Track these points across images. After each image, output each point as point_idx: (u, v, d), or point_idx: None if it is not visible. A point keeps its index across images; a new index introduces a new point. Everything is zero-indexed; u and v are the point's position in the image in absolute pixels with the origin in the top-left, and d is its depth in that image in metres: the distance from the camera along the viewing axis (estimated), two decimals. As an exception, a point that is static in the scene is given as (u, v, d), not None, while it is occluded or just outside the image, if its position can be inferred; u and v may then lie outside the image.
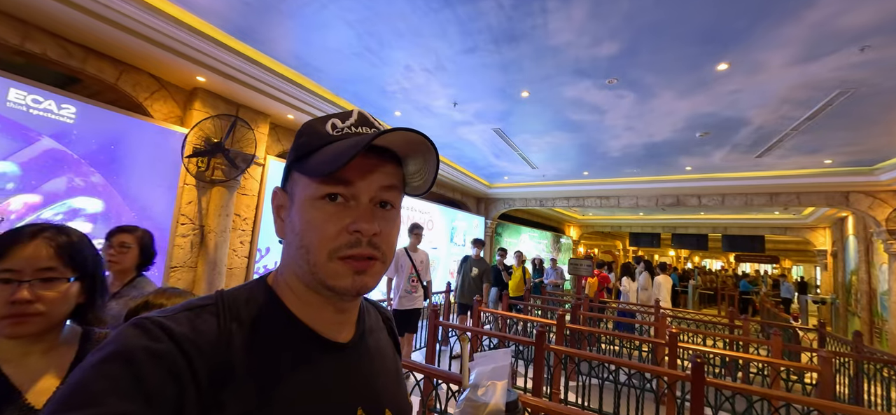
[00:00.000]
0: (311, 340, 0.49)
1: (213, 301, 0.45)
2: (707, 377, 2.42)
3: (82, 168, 3.37)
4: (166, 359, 0.37)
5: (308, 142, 0.49)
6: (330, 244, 0.46)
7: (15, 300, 0.73)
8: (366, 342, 0.57)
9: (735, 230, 12.08)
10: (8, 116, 2.93)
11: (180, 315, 0.41)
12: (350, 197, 0.48)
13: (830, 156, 5.65)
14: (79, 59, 3.37)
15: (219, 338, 0.41)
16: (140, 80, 3.87)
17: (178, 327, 0.39)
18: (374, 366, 0.56)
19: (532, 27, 3.12)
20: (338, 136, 0.50)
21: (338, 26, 3.32)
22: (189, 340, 0.39)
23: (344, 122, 0.51)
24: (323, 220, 0.46)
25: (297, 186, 0.50)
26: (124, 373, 0.35)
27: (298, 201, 0.49)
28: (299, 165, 0.50)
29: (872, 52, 3.08)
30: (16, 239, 0.76)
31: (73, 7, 2.91)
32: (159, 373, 0.36)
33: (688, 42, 3.17)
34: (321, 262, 0.46)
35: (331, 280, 0.46)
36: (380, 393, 0.55)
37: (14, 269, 0.74)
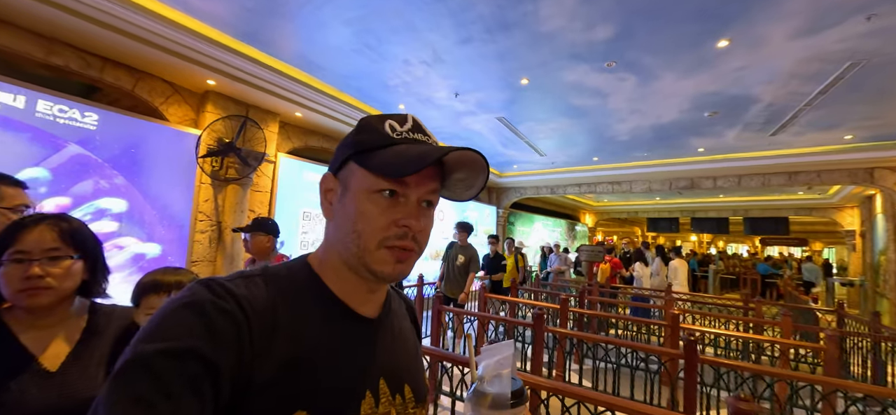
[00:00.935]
0: (342, 310, 0.55)
1: (260, 272, 0.51)
2: (703, 356, 2.44)
3: (106, 171, 3.62)
4: (229, 312, 0.44)
5: (370, 139, 0.54)
6: (381, 234, 0.52)
7: (28, 276, 0.85)
8: (390, 322, 0.62)
9: (757, 212, 11.67)
10: (37, 126, 3.18)
11: (238, 280, 0.48)
12: (402, 195, 0.53)
13: (851, 131, 5.43)
14: (97, 68, 3.60)
15: (267, 301, 0.48)
16: (155, 87, 4.09)
17: (237, 289, 0.46)
18: (397, 344, 0.62)
19: (524, 14, 3.15)
20: (398, 139, 0.54)
21: (335, 25, 3.43)
22: (246, 299, 0.46)
23: (401, 126, 0.55)
24: (378, 212, 0.52)
25: (353, 177, 0.54)
26: (196, 318, 0.42)
27: (354, 190, 0.53)
28: (361, 159, 0.53)
29: (879, 20, 2.97)
30: (24, 226, 0.89)
31: (91, 21, 3.12)
32: (224, 322, 0.43)
33: (684, 20, 3.13)
34: (371, 248, 0.52)
35: (375, 265, 0.52)
36: (401, 369, 0.60)
37: (25, 250, 0.86)
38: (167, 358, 0.39)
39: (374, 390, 0.54)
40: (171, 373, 0.38)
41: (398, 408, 0.57)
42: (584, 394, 1.80)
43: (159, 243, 4.02)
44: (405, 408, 0.58)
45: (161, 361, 0.38)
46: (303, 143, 5.72)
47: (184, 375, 0.39)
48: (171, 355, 0.39)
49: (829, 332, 2.85)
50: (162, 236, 4.04)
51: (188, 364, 0.39)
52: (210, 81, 4.18)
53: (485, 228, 10.03)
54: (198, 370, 0.39)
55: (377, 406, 0.54)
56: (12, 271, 0.85)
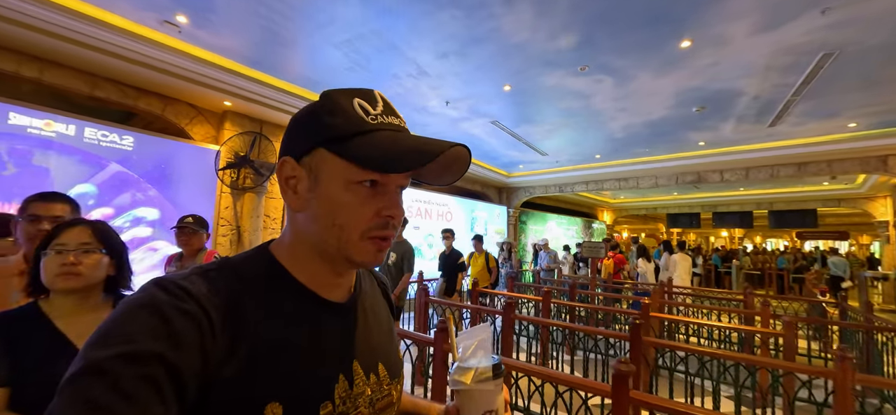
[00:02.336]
0: (310, 298, 0.53)
1: (217, 266, 0.49)
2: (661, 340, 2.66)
3: (141, 185, 4.25)
4: (189, 313, 0.41)
5: (344, 124, 0.50)
6: (364, 225, 0.51)
7: (64, 263, 1.03)
8: (361, 303, 0.61)
9: (782, 205, 11.20)
10: (85, 149, 3.82)
11: (193, 278, 0.45)
12: (382, 184, 0.52)
13: (853, 119, 5.31)
14: (133, 98, 4.24)
15: (228, 295, 0.46)
16: (181, 110, 4.72)
17: (195, 287, 0.44)
18: (368, 324, 0.61)
19: (490, 29, 3.46)
20: (375, 125, 0.51)
21: (327, 49, 3.88)
22: (205, 297, 0.44)
23: (373, 108, 0.52)
24: (359, 203, 0.50)
25: (326, 164, 0.51)
26: (154, 320, 0.40)
27: (329, 181, 0.50)
28: (336, 147, 0.50)
29: (834, 13, 3.07)
30: (67, 225, 1.10)
31: (127, 60, 3.73)
32: (184, 323, 0.41)
33: (639, 26, 3.34)
34: (354, 240, 0.51)
35: (358, 256, 0.51)
36: (374, 348, 0.59)
37: (64, 243, 1.05)
38: (125, 362, 0.36)
39: (347, 373, 0.53)
40: (128, 376, 0.36)
41: (373, 387, 0.57)
42: (523, 367, 2.09)
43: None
44: (380, 386, 0.58)
45: (118, 365, 0.36)
46: (313, 153, 6.25)
47: (143, 378, 0.36)
48: (128, 359, 0.37)
49: (786, 319, 2.95)
50: (189, 240, 4.63)
51: (148, 367, 0.37)
52: (227, 103, 4.76)
53: (496, 228, 10.30)
54: (158, 373, 0.37)
55: (351, 388, 0.53)
56: (53, 260, 1.02)
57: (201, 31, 3.62)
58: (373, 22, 3.39)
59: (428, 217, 8.10)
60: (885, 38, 3.37)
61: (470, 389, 0.57)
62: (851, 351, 2.19)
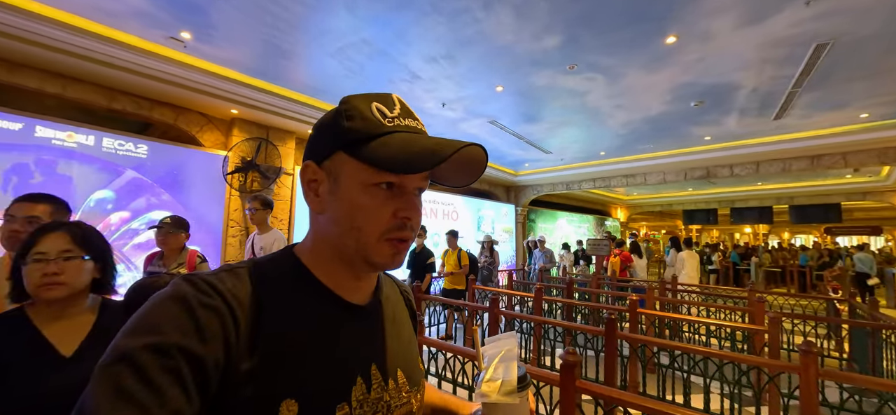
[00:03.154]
0: (331, 299, 0.54)
1: (246, 265, 0.51)
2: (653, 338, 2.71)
3: (155, 190, 4.55)
4: (213, 307, 0.43)
5: (361, 127, 0.51)
6: (382, 227, 0.51)
7: (46, 273, 0.98)
8: (382, 308, 0.61)
9: (803, 199, 10.75)
10: (104, 158, 4.14)
11: (222, 275, 0.47)
12: (399, 186, 0.52)
13: (864, 110, 5.13)
14: (147, 109, 4.55)
15: (253, 293, 0.47)
16: (192, 119, 5.02)
17: (221, 283, 0.45)
18: (389, 330, 0.60)
19: (475, 33, 3.56)
20: (391, 128, 0.52)
21: (323, 58, 4.07)
22: (231, 293, 0.45)
23: (390, 111, 0.53)
24: (377, 205, 0.51)
25: (345, 168, 0.52)
26: (181, 313, 0.41)
27: (348, 183, 0.51)
28: (353, 150, 0.51)
29: (819, 5, 3.02)
30: (44, 231, 1.04)
31: (142, 76, 4.01)
32: (208, 317, 0.42)
33: (622, 25, 3.37)
34: (372, 242, 0.51)
35: (375, 257, 0.52)
36: (393, 354, 0.59)
37: (43, 251, 0.99)
38: (152, 352, 0.38)
39: (365, 377, 0.53)
40: (155, 367, 0.38)
41: (391, 392, 0.56)
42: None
43: (198, 247, 4.91)
44: (399, 392, 0.58)
45: (146, 355, 0.38)
46: (319, 156, 6.49)
47: (168, 369, 0.38)
48: (155, 350, 0.38)
49: (771, 315, 2.93)
50: (200, 241, 4.93)
51: (173, 358, 0.39)
52: (234, 111, 5.03)
53: (504, 227, 10.34)
54: (182, 365, 0.39)
55: (369, 392, 0.53)
56: (33, 269, 0.98)
57: (205, 46, 3.86)
58: (362, 31, 3.55)
59: (433, 216, 8.24)
60: (877, 28, 3.29)
61: (496, 402, 0.55)
62: (853, 347, 2.18)
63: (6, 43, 3.35)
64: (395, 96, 0.55)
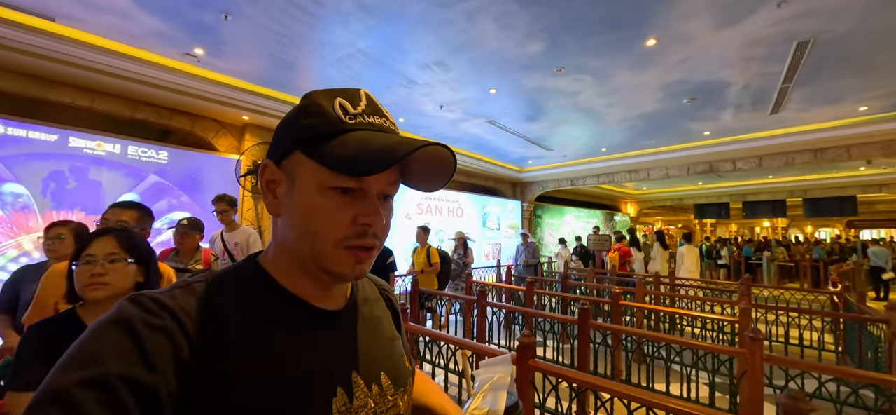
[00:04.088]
0: (301, 308, 0.50)
1: (202, 278, 0.47)
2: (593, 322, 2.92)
3: (175, 192, 4.96)
4: (162, 328, 0.39)
5: (319, 124, 0.47)
6: (338, 234, 0.47)
7: (93, 274, 1.06)
8: (359, 310, 0.58)
9: (817, 192, 10.52)
10: (129, 164, 4.56)
11: (174, 291, 0.44)
12: (360, 189, 0.48)
13: (862, 103, 5.10)
14: (167, 118, 4.95)
15: (209, 308, 0.44)
16: (208, 126, 5.41)
17: (171, 300, 0.42)
18: (368, 332, 0.57)
19: (462, 42, 3.78)
20: (352, 125, 0.48)
21: (324, 68, 4.36)
22: (182, 310, 0.42)
23: (354, 107, 0.49)
24: (333, 210, 0.47)
25: (302, 169, 0.48)
26: (123, 339, 0.37)
27: (304, 185, 0.48)
28: (309, 149, 0.47)
29: (791, 6, 3.12)
30: (94, 236, 1.14)
31: (162, 88, 4.40)
32: (156, 339, 0.38)
33: (602, 30, 3.53)
34: (327, 250, 0.47)
35: (333, 266, 0.48)
36: (375, 358, 0.56)
37: (92, 254, 1.08)
38: (89, 388, 0.34)
39: (346, 386, 0.50)
40: (92, 402, 0.33)
41: (376, 398, 0.53)
42: (455, 341, 2.44)
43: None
44: (384, 396, 0.55)
45: (81, 392, 0.33)
46: (326, 157, 6.83)
47: (110, 405, 0.34)
48: (93, 385, 0.34)
49: (743, 305, 3.07)
50: (217, 239, 5.32)
51: (114, 392, 0.34)
52: (245, 117, 5.40)
53: (510, 223, 10.52)
54: (126, 398, 0.35)
55: (351, 402, 0.50)
56: (83, 270, 1.06)
57: (216, 60, 4.21)
58: (357, 43, 3.82)
59: (438, 214, 8.50)
60: (855, 25, 3.35)
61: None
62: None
63: (43, 63, 3.77)
64: (364, 92, 0.51)
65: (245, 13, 3.31)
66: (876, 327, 3.72)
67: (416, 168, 0.51)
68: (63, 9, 3.25)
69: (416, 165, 0.51)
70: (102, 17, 3.34)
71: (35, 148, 3.96)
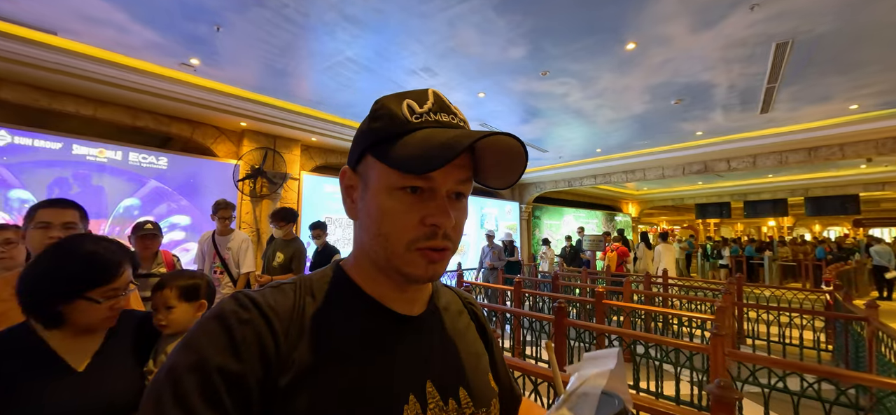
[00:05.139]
0: (379, 311, 0.51)
1: (292, 281, 0.51)
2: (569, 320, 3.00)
3: (175, 197, 5.13)
4: (250, 322, 0.43)
5: (385, 127, 0.48)
6: (409, 235, 0.47)
7: (112, 306, 0.99)
8: (439, 319, 0.57)
9: (819, 191, 10.42)
10: (130, 170, 4.73)
11: (266, 290, 0.48)
12: (429, 189, 0.48)
13: (851, 102, 5.11)
14: (167, 125, 5.13)
15: (294, 307, 0.47)
16: (207, 131, 5.58)
17: (262, 298, 0.46)
18: (447, 343, 0.56)
19: (446, 49, 3.89)
20: (418, 124, 0.48)
21: (316, 75, 4.50)
22: (270, 307, 0.45)
23: (421, 105, 0.49)
24: (402, 211, 0.47)
25: (373, 171, 0.49)
26: (220, 331, 0.42)
27: (375, 188, 0.49)
28: (378, 151, 0.48)
29: (764, 9, 3.18)
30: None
31: (162, 97, 4.57)
32: (245, 332, 0.42)
33: (580, 35, 3.62)
34: (399, 251, 0.48)
35: (406, 268, 0.48)
36: (454, 371, 0.55)
37: (117, 287, 1.00)
38: (192, 372, 0.39)
39: (418, 393, 0.49)
40: (192, 388, 0.39)
41: (452, 412, 0.52)
42: None
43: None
44: (461, 413, 0.53)
45: (186, 376, 0.39)
46: (324, 160, 6.98)
47: (205, 390, 0.39)
48: (194, 370, 0.40)
49: (718, 303, 3.13)
50: (215, 241, 5.48)
51: (210, 378, 0.39)
52: (243, 124, 5.56)
53: (508, 225, 10.59)
54: (219, 384, 0.39)
55: (424, 411, 0.49)
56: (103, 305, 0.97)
57: (212, 69, 4.37)
58: (345, 51, 3.94)
59: (435, 215, 8.61)
60: (831, 26, 3.40)
61: None
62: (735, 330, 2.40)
63: (48, 75, 3.96)
64: (432, 91, 0.52)
65: (235, 25, 3.45)
66: (859, 325, 3.74)
67: (488, 163, 0.50)
68: (64, 23, 3.42)
69: (488, 160, 0.50)
70: (101, 30, 3.51)
71: (40, 156, 4.15)
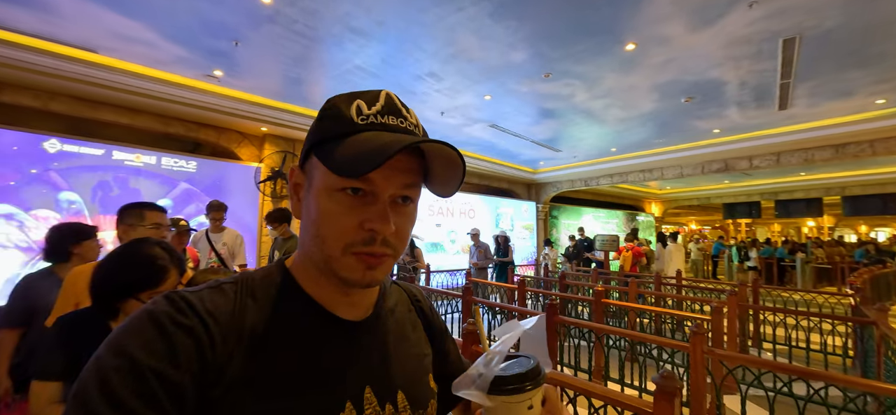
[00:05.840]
0: (322, 317, 0.50)
1: (233, 280, 0.48)
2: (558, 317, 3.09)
3: (203, 198, 5.53)
4: (188, 327, 0.41)
5: (331, 127, 0.47)
6: (345, 239, 0.46)
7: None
8: (383, 322, 0.56)
9: (857, 190, 9.79)
10: (163, 173, 5.16)
11: (203, 291, 0.45)
12: (370, 192, 0.46)
13: (876, 96, 4.87)
14: (195, 131, 5.55)
15: (233, 311, 0.45)
16: (231, 137, 5.98)
17: (198, 301, 0.43)
18: (390, 347, 0.56)
19: (449, 55, 4.04)
20: (363, 125, 0.47)
21: (328, 82, 4.76)
22: (207, 311, 0.43)
23: (370, 107, 0.48)
24: (340, 213, 0.46)
25: (316, 171, 0.48)
26: (152, 333, 0.40)
27: (316, 188, 0.48)
28: (321, 151, 0.47)
29: (763, 6, 3.14)
30: (163, 278, 1.12)
31: (191, 106, 4.97)
32: (182, 337, 0.40)
33: (578, 38, 3.68)
34: (335, 255, 0.46)
35: (342, 271, 0.47)
36: (394, 375, 0.54)
37: (163, 291, 0.90)
38: (123, 375, 0.37)
39: (356, 400, 0.48)
40: (128, 392, 0.36)
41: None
42: None
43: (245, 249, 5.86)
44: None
45: (117, 377, 0.37)
46: (340, 163, 7.28)
47: (140, 393, 0.37)
48: (127, 372, 0.37)
49: (713, 303, 3.12)
50: (247, 243, 5.88)
51: (146, 382, 0.37)
52: (264, 129, 5.92)
53: (524, 224, 10.61)
54: (156, 388, 0.37)
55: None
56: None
57: (234, 79, 4.71)
58: (353, 60, 4.17)
59: (450, 215, 8.77)
60: (840, 20, 3.31)
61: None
62: (703, 328, 2.44)
63: (91, 89, 4.40)
64: (385, 92, 0.50)
65: (252, 40, 3.74)
66: (869, 330, 3.61)
67: (436, 170, 0.50)
68: (103, 42, 3.82)
69: (436, 166, 0.49)
70: (134, 47, 3.89)
71: (85, 161, 4.62)
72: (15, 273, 4.14)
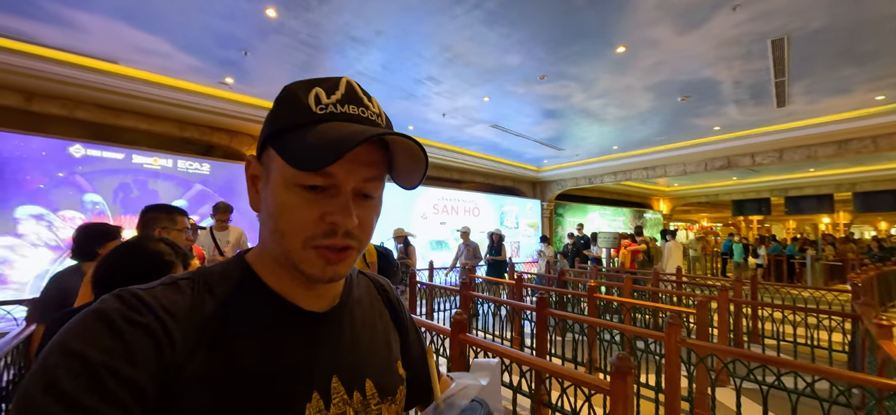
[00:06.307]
0: (284, 309, 0.48)
1: (189, 276, 0.46)
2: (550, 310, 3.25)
3: (216, 198, 5.82)
4: (143, 325, 0.39)
5: (287, 116, 0.45)
6: (305, 232, 0.44)
7: None
8: (349, 312, 0.55)
9: (868, 186, 9.63)
10: (179, 175, 5.47)
11: (156, 289, 0.43)
12: (331, 186, 0.45)
13: (875, 92, 4.87)
14: (208, 135, 5.84)
15: (192, 307, 0.43)
16: (243, 140, 6.26)
17: (152, 298, 0.41)
18: (356, 335, 0.55)
19: (446, 60, 4.22)
20: (322, 115, 0.45)
21: (331, 86, 4.98)
22: (163, 307, 0.41)
23: (329, 95, 0.46)
24: (299, 206, 0.44)
25: (273, 163, 0.46)
26: (102, 332, 0.37)
27: (274, 180, 0.46)
28: (277, 143, 0.45)
29: (746, 10, 3.24)
30: (167, 274, 1.00)
31: (205, 112, 5.26)
32: (136, 335, 0.38)
33: (567, 42, 3.81)
34: (295, 248, 0.45)
35: (303, 266, 0.46)
36: (361, 364, 0.54)
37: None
38: (74, 375, 0.34)
39: (323, 391, 0.48)
40: (79, 389, 0.34)
41: (356, 406, 0.51)
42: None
43: (250, 244, 6.14)
44: (366, 405, 0.52)
45: (67, 377, 0.34)
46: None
47: (94, 389, 0.34)
48: (77, 372, 0.34)
49: (700, 298, 3.23)
50: (252, 239, 6.16)
51: (99, 380, 0.35)
52: (273, 132, 6.19)
53: (529, 222, 10.72)
54: (111, 385, 0.35)
55: (327, 408, 0.48)
56: None
57: (245, 86, 4.97)
58: (355, 66, 4.38)
59: (454, 213, 8.95)
60: (826, 20, 3.38)
61: None
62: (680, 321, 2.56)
63: (112, 97, 4.70)
64: (345, 80, 0.48)
65: (259, 49, 3.98)
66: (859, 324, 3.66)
67: (400, 161, 0.49)
68: (123, 54, 4.10)
69: (400, 158, 0.49)
70: (151, 58, 4.16)
71: (107, 165, 4.93)
72: (44, 269, 4.48)
